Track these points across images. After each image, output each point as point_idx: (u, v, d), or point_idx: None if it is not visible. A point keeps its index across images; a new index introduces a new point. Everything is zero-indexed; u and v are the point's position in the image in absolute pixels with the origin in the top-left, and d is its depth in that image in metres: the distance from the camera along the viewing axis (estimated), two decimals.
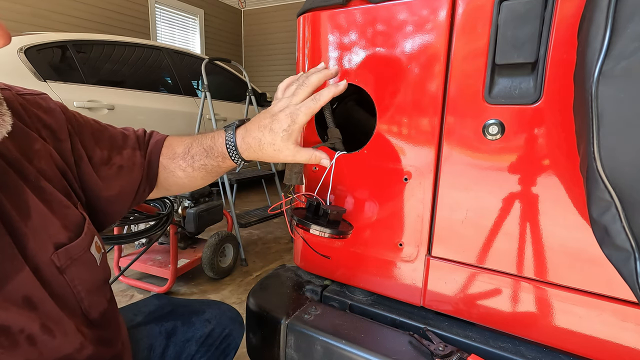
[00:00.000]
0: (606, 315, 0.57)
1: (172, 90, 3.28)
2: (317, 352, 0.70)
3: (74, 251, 0.50)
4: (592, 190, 0.43)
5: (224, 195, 2.84)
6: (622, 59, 0.38)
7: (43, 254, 0.46)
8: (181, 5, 5.91)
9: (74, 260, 0.50)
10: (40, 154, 0.50)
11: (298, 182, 0.74)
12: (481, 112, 0.61)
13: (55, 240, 0.48)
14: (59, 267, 0.48)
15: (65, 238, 0.49)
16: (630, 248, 0.42)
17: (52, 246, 0.47)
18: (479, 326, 0.70)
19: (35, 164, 0.49)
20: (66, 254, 0.49)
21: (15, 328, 0.42)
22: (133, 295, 2.00)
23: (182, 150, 0.67)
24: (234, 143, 0.62)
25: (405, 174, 0.70)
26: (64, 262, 0.48)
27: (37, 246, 0.46)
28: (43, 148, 0.51)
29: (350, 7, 0.71)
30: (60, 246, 0.48)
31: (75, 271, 0.50)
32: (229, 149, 0.62)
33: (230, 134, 0.62)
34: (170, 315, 0.78)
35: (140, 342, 0.70)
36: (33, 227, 0.46)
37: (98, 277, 0.55)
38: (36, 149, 0.50)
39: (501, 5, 0.56)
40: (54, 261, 0.47)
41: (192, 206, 2.06)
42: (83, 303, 0.51)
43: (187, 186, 0.71)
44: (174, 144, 0.70)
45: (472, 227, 0.65)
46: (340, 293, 0.85)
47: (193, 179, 0.69)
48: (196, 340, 0.76)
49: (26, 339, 0.43)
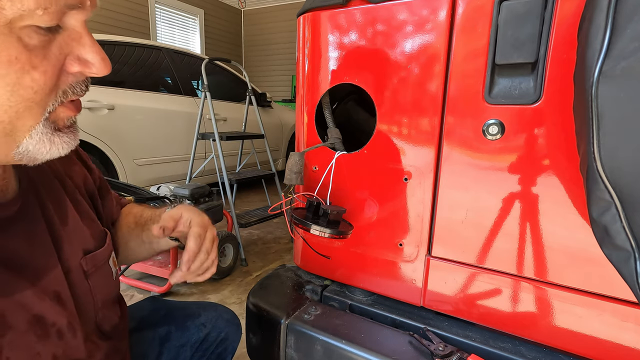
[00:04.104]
0: (606, 315, 0.57)
1: (172, 90, 3.28)
2: (317, 352, 0.70)
3: (99, 259, 0.54)
4: (592, 190, 0.43)
5: (224, 195, 2.84)
6: (622, 59, 0.38)
7: (74, 257, 0.50)
8: (181, 5, 5.91)
9: (97, 268, 0.53)
10: (77, 174, 0.58)
11: (298, 182, 0.74)
12: (481, 112, 0.61)
13: (85, 247, 0.52)
14: (86, 271, 0.51)
15: (92, 246, 0.53)
16: (630, 248, 0.42)
17: (81, 251, 0.51)
18: (479, 326, 0.70)
19: (74, 181, 0.56)
20: (92, 260, 0.52)
21: (48, 320, 0.44)
22: (133, 295, 2.00)
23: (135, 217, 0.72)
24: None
25: (405, 174, 0.70)
26: (90, 267, 0.52)
27: (70, 250, 0.49)
28: (80, 170, 0.59)
29: (350, 7, 0.71)
30: (88, 252, 0.52)
31: (97, 280, 0.53)
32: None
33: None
34: (164, 319, 0.76)
35: (133, 349, 0.68)
36: (68, 232, 0.50)
37: (113, 291, 0.59)
38: (75, 169, 0.58)
39: (501, 5, 0.56)
40: (82, 265, 0.51)
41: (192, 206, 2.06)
42: (98, 314, 0.54)
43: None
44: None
45: (472, 227, 0.65)
46: (340, 293, 0.85)
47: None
48: (191, 345, 0.74)
49: (56, 333, 0.45)
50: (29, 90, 0.34)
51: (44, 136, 0.37)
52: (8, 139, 0.36)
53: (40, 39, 0.34)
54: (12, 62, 0.32)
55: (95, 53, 0.38)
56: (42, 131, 0.37)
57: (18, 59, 0.32)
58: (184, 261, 0.57)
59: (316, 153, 0.79)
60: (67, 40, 0.36)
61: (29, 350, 0.41)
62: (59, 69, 0.36)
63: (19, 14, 0.31)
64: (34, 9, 0.31)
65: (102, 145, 2.59)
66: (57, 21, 0.34)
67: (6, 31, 0.31)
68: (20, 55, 0.33)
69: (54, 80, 0.36)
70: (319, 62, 0.77)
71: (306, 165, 0.81)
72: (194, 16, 6.24)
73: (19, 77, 0.33)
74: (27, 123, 0.36)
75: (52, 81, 0.36)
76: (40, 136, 0.37)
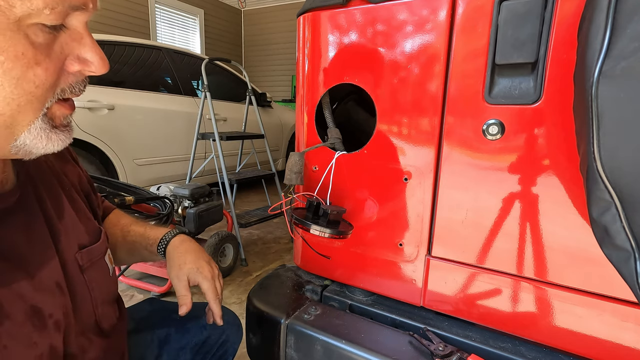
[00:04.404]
0: (606, 315, 0.57)
1: (172, 90, 3.28)
2: (317, 352, 0.70)
3: (94, 254, 0.55)
4: (592, 190, 0.43)
5: (224, 195, 2.84)
6: (622, 59, 0.38)
7: (70, 251, 0.51)
8: (181, 5, 5.91)
9: (93, 263, 0.54)
10: (72, 172, 0.60)
11: (298, 182, 0.74)
12: (481, 112, 0.61)
13: (80, 242, 0.53)
14: (81, 265, 0.52)
15: (87, 241, 0.55)
16: (630, 248, 0.42)
17: (77, 246, 0.52)
18: (479, 326, 0.70)
19: (70, 178, 0.58)
20: (88, 255, 0.53)
21: (45, 311, 0.45)
22: (133, 295, 2.00)
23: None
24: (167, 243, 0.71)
25: (405, 174, 0.70)
26: (85, 262, 0.53)
27: (66, 243, 0.50)
28: (74, 169, 0.61)
29: (350, 7, 0.71)
30: (83, 247, 0.53)
31: (93, 274, 0.54)
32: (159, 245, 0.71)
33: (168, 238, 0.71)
34: (164, 321, 0.75)
35: (131, 351, 0.67)
36: (65, 226, 0.51)
37: (110, 287, 0.60)
38: (69, 167, 0.59)
39: (501, 5, 0.56)
40: (78, 259, 0.52)
41: (192, 206, 2.06)
42: (97, 310, 0.54)
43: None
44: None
45: (472, 227, 0.65)
46: (340, 293, 0.85)
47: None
48: (191, 348, 0.73)
49: (53, 324, 0.46)
50: (31, 84, 0.36)
51: (42, 132, 0.39)
52: (7, 131, 0.37)
53: (45, 37, 0.36)
54: (18, 57, 0.34)
55: (94, 53, 0.40)
56: (40, 126, 0.39)
57: (24, 54, 0.35)
58: (208, 318, 0.68)
59: (316, 153, 0.79)
60: (68, 40, 0.39)
61: (26, 340, 0.42)
62: (60, 67, 0.39)
63: (27, 13, 0.33)
64: (42, 8, 0.34)
65: (102, 145, 2.59)
66: (61, 21, 0.37)
67: (15, 28, 0.34)
68: (27, 51, 0.35)
69: (55, 78, 0.38)
70: (319, 62, 0.77)
71: (306, 165, 0.81)
72: (194, 16, 6.24)
73: (24, 71, 0.35)
74: (27, 117, 0.38)
75: (53, 78, 0.38)
76: (38, 131, 0.39)
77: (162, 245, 0.69)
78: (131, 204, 1.46)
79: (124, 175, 2.77)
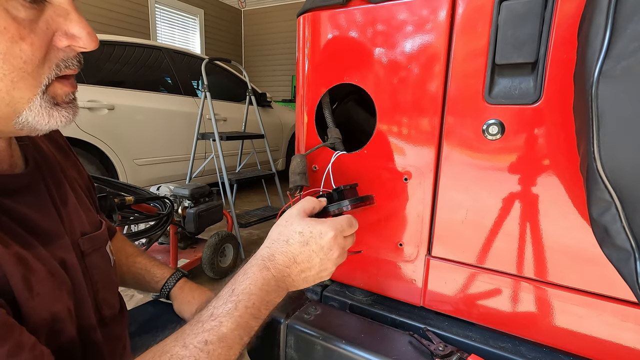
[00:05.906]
0: (606, 315, 0.57)
1: (172, 90, 3.28)
2: (317, 352, 0.70)
3: (96, 241, 0.56)
4: (592, 190, 0.43)
5: (224, 195, 2.84)
6: (622, 59, 0.38)
7: (73, 236, 0.52)
8: (181, 5, 5.91)
9: (94, 250, 0.56)
10: (74, 169, 0.62)
11: (304, 183, 0.74)
12: (481, 112, 0.61)
13: (82, 229, 0.55)
14: (83, 251, 0.53)
15: (88, 230, 0.56)
16: (630, 248, 0.42)
17: (79, 233, 0.54)
18: (479, 326, 0.70)
19: (71, 173, 0.60)
20: (90, 241, 0.55)
21: (59, 278, 0.46)
22: (133, 295, 1.99)
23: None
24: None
25: (405, 174, 0.70)
26: (87, 247, 0.54)
27: (69, 228, 0.52)
28: (75, 164, 0.63)
29: (350, 7, 0.71)
30: (85, 234, 0.55)
31: (95, 260, 0.55)
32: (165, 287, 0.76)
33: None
34: (167, 324, 0.75)
35: (134, 353, 0.67)
36: (68, 213, 0.53)
37: (111, 276, 0.60)
38: (71, 163, 0.62)
39: (501, 5, 0.56)
40: (80, 244, 0.53)
41: (192, 206, 2.06)
42: (98, 295, 0.55)
43: None
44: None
45: (472, 227, 0.65)
46: (340, 293, 0.85)
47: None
48: None
49: (66, 292, 0.47)
50: (19, 59, 0.37)
51: (43, 109, 0.41)
52: (8, 109, 0.39)
53: (27, 13, 0.37)
54: (1, 31, 0.35)
55: (81, 27, 0.41)
56: (41, 104, 0.41)
57: (7, 29, 0.36)
58: None
59: (316, 153, 0.79)
60: (54, 16, 0.39)
61: (53, 292, 0.44)
62: (47, 43, 0.39)
63: None
64: None
65: (102, 145, 2.59)
66: None
67: None
68: (9, 26, 0.36)
69: (42, 53, 0.39)
70: (319, 62, 0.77)
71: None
72: (194, 16, 6.24)
73: (9, 46, 0.36)
74: (25, 95, 0.39)
75: (41, 53, 0.39)
76: (39, 109, 0.40)
77: (166, 290, 0.76)
78: (131, 204, 1.46)
79: (124, 175, 2.77)
